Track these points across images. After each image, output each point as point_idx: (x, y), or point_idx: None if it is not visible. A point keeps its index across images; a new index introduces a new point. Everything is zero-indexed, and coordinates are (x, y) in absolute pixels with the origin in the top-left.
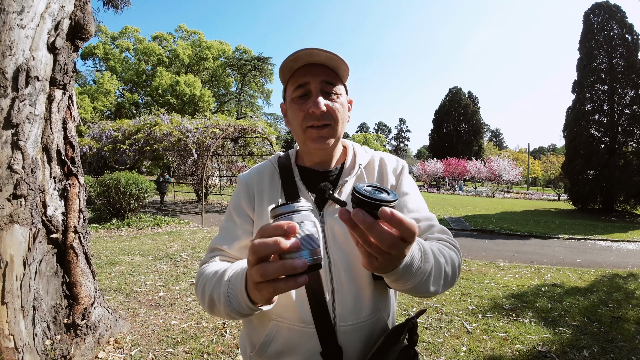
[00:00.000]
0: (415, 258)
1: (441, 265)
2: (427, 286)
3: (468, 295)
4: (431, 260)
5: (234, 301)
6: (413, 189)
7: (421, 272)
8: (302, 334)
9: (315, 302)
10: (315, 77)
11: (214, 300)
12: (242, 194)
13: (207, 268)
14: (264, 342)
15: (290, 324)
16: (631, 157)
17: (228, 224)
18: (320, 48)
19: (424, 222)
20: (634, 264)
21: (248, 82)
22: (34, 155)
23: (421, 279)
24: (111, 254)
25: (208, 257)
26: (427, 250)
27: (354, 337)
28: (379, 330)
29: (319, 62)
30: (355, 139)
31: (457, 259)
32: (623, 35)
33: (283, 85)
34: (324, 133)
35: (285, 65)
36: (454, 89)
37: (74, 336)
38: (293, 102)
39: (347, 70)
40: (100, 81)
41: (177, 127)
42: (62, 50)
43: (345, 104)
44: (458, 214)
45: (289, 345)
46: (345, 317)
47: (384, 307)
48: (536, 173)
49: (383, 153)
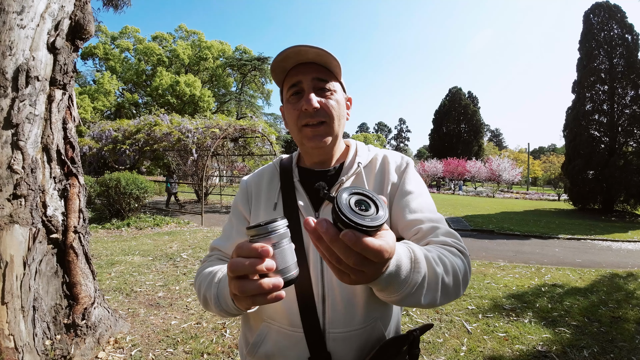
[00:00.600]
0: (403, 267)
1: (438, 275)
2: (418, 298)
3: (468, 295)
4: (423, 270)
5: (222, 303)
6: (418, 187)
7: (410, 283)
8: (290, 338)
9: (304, 306)
10: (306, 74)
11: (207, 300)
12: (240, 196)
13: (204, 268)
14: (255, 342)
15: (279, 326)
16: (631, 157)
17: (227, 225)
18: (308, 44)
19: (427, 223)
20: (634, 264)
21: (248, 82)
22: (34, 155)
23: (410, 291)
24: (111, 254)
25: (207, 257)
26: (419, 259)
27: (344, 345)
28: (373, 341)
29: (310, 60)
30: (355, 139)
31: (463, 266)
32: (623, 35)
33: (279, 87)
34: (320, 131)
35: (276, 65)
36: (454, 89)
37: (74, 336)
38: (288, 102)
39: (338, 66)
40: (100, 81)
41: (177, 127)
42: (62, 50)
43: (342, 100)
44: (458, 214)
45: (278, 348)
46: (335, 324)
47: (382, 317)
48: (536, 173)
49: (388, 151)
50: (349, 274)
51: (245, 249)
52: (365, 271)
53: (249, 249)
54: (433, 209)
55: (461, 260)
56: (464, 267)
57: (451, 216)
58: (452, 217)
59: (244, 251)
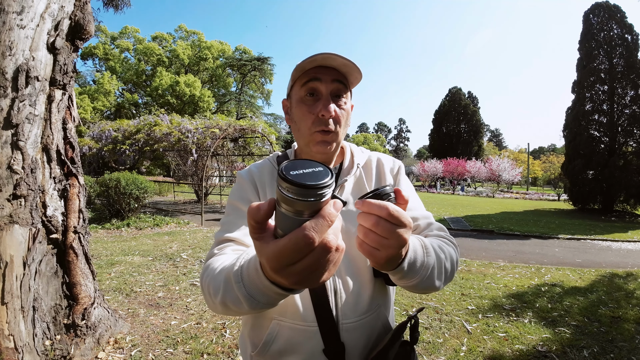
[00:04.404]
0: (418, 253)
1: (442, 261)
2: (432, 280)
3: (468, 295)
4: (433, 255)
5: (258, 297)
6: (410, 188)
7: (425, 266)
8: (304, 333)
9: (318, 301)
10: (327, 80)
11: (229, 304)
12: (247, 186)
13: (215, 262)
14: (266, 341)
15: (292, 323)
16: (631, 157)
17: (232, 216)
18: (338, 54)
19: (423, 220)
20: (634, 264)
21: (248, 83)
22: (33, 156)
23: (425, 274)
24: (111, 254)
25: (216, 249)
26: (427, 246)
27: (356, 334)
28: (380, 326)
29: (332, 66)
30: (355, 139)
31: (455, 255)
32: (623, 35)
33: (291, 82)
34: (328, 138)
35: (300, 65)
36: (454, 89)
37: (74, 336)
38: (302, 102)
39: (358, 78)
40: (100, 81)
41: (177, 128)
42: (62, 51)
43: (350, 110)
44: (458, 214)
45: (291, 344)
46: (347, 315)
47: (384, 302)
48: (536, 173)
49: (379, 153)
50: (379, 248)
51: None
52: (392, 240)
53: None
54: (424, 207)
55: (453, 249)
56: (456, 256)
57: (451, 216)
58: (452, 217)
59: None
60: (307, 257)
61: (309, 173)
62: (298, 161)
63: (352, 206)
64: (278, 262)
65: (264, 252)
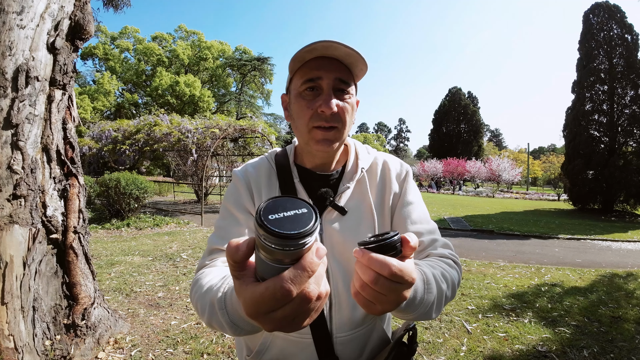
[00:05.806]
0: (419, 290)
1: (443, 292)
2: (429, 315)
3: (468, 295)
4: (434, 290)
5: (241, 325)
6: (417, 196)
7: (424, 303)
8: (298, 344)
9: None
10: (329, 72)
11: (215, 326)
12: (242, 189)
13: (203, 278)
14: (259, 350)
15: (285, 334)
16: (631, 157)
17: (227, 222)
18: (340, 42)
19: (427, 236)
20: (634, 264)
21: (248, 83)
22: (33, 156)
23: (424, 310)
24: (111, 254)
25: (207, 260)
26: (430, 280)
27: (350, 346)
28: (375, 337)
29: (335, 57)
30: (354, 139)
31: (458, 277)
32: (623, 35)
33: (290, 75)
34: (330, 136)
35: (298, 55)
36: (454, 89)
37: (74, 336)
38: (300, 97)
39: (363, 70)
40: (100, 81)
41: (177, 128)
42: (61, 51)
43: (354, 105)
44: (458, 214)
45: (284, 355)
46: (341, 328)
47: (380, 315)
48: (536, 173)
49: (386, 155)
50: (376, 303)
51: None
52: (388, 296)
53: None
54: (429, 218)
55: (456, 272)
56: (458, 278)
57: (451, 216)
58: (452, 217)
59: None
60: (285, 306)
61: (291, 217)
62: (280, 200)
63: (350, 216)
64: (255, 309)
65: (242, 295)
